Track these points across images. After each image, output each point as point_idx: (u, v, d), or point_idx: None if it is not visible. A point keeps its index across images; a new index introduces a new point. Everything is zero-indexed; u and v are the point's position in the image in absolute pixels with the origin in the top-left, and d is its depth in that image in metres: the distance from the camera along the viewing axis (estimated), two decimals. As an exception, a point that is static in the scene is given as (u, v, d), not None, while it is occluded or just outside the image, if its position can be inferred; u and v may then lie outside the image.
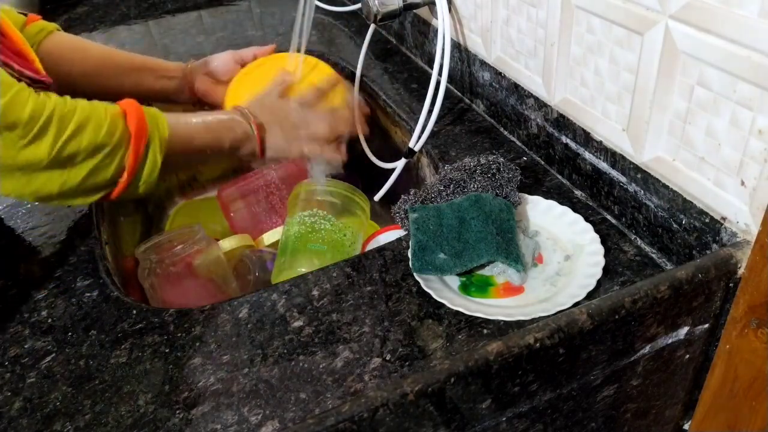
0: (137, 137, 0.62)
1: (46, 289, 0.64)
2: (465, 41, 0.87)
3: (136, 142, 0.62)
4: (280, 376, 0.52)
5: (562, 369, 0.51)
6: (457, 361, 0.46)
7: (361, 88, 1.02)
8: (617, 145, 0.63)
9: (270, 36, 1.22)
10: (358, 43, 1.12)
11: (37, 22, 0.84)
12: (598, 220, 0.66)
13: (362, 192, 0.80)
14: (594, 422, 0.60)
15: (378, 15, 0.85)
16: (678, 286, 0.51)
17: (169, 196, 1.14)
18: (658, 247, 0.61)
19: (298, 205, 0.77)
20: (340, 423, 0.43)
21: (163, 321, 0.58)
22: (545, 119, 0.73)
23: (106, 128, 0.60)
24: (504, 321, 0.54)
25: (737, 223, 0.52)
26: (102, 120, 0.60)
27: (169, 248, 0.74)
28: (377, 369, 0.51)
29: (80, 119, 0.59)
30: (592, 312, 0.49)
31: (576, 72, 0.65)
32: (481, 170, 0.66)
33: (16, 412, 0.52)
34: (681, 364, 0.60)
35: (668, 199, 0.58)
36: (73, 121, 0.59)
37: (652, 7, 0.53)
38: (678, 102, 0.54)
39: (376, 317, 0.56)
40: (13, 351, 0.57)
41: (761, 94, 0.46)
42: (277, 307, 0.59)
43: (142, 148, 0.63)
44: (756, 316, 0.50)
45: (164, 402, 0.51)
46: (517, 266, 0.58)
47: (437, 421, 0.49)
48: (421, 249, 0.60)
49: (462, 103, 0.92)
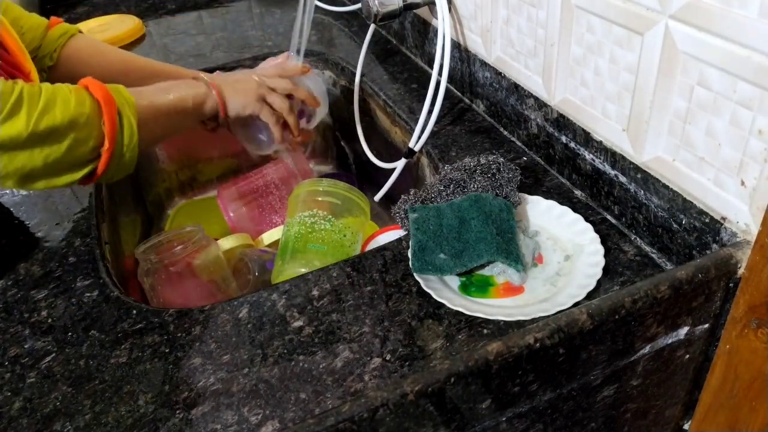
0: (106, 104, 0.63)
1: (46, 289, 0.64)
2: (465, 41, 0.87)
3: (107, 108, 0.63)
4: (280, 376, 0.52)
5: (562, 369, 0.51)
6: (457, 361, 0.46)
7: (361, 88, 1.02)
8: (617, 145, 0.63)
9: (270, 36, 1.22)
10: (358, 43, 1.12)
11: (60, 24, 0.84)
12: (598, 220, 0.66)
13: (362, 192, 0.80)
14: (594, 422, 0.60)
15: (378, 15, 0.85)
16: (678, 286, 0.51)
17: (169, 196, 1.14)
18: (658, 247, 0.61)
19: (298, 205, 0.77)
20: (340, 423, 0.43)
21: (163, 321, 0.58)
22: (545, 119, 0.73)
23: (74, 101, 0.62)
24: (504, 321, 0.54)
25: (737, 223, 0.52)
26: (67, 95, 0.62)
27: (168, 248, 0.74)
28: (377, 369, 0.51)
29: (47, 96, 0.60)
30: (592, 312, 0.49)
31: (576, 72, 0.65)
32: (481, 170, 0.66)
33: (16, 412, 0.52)
34: (681, 364, 0.60)
35: (668, 199, 0.58)
36: (42, 97, 0.60)
37: (652, 7, 0.53)
38: (678, 102, 0.54)
39: (376, 317, 0.56)
40: (13, 351, 0.57)
41: (761, 94, 0.46)
42: (277, 307, 0.59)
43: (115, 113, 0.64)
44: (756, 316, 0.50)
45: (164, 402, 0.51)
46: (517, 266, 0.58)
47: (437, 421, 0.49)
48: (421, 249, 0.60)
49: (462, 103, 0.92)
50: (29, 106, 0.59)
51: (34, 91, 0.60)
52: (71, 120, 0.61)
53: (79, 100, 0.62)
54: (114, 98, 0.65)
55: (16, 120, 0.58)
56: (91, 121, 0.63)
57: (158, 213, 1.12)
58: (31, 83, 0.61)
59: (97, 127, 0.63)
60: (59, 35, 0.83)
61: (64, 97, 0.62)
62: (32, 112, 0.59)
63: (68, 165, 0.63)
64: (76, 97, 0.62)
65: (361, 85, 1.02)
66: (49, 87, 0.62)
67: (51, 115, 0.60)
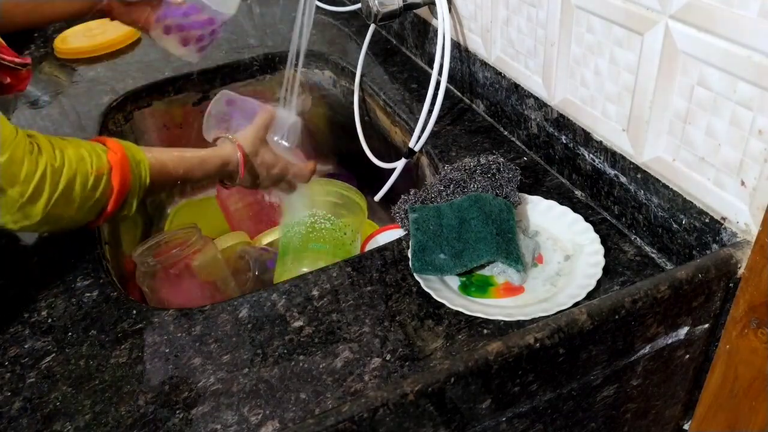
0: (119, 192, 0.62)
1: (46, 289, 0.64)
2: (465, 41, 0.87)
3: (117, 197, 0.61)
4: (280, 376, 0.52)
5: (562, 369, 0.51)
6: (457, 361, 0.46)
7: (361, 88, 1.02)
8: (617, 145, 0.63)
9: (270, 36, 1.22)
10: (358, 43, 1.12)
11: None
12: (598, 220, 0.66)
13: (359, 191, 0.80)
14: (594, 422, 0.60)
15: (378, 15, 0.85)
16: (678, 286, 0.51)
17: (169, 196, 1.14)
18: (658, 247, 0.61)
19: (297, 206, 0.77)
20: (340, 423, 0.43)
21: (163, 321, 0.58)
22: (545, 119, 0.73)
23: (91, 184, 0.59)
24: (504, 321, 0.54)
25: (737, 223, 0.52)
26: (88, 176, 0.59)
27: (166, 250, 0.74)
28: (377, 369, 0.51)
29: (69, 176, 0.57)
30: (592, 312, 0.49)
31: (576, 72, 0.65)
32: (481, 170, 0.66)
33: (16, 412, 0.52)
34: (681, 364, 0.60)
35: (668, 199, 0.58)
36: (62, 179, 0.57)
37: (652, 7, 0.53)
38: (678, 102, 0.54)
39: (376, 317, 0.56)
40: (13, 351, 0.57)
41: (761, 94, 0.46)
42: (277, 307, 0.59)
43: (122, 200, 0.62)
44: (756, 316, 0.50)
45: (164, 402, 0.51)
46: (517, 266, 0.58)
47: (437, 421, 0.49)
48: (421, 249, 0.60)
49: (462, 103, 0.92)
50: (50, 189, 0.56)
51: (57, 167, 0.57)
52: (79, 205, 0.59)
53: (96, 183, 0.59)
54: (129, 184, 0.62)
55: (34, 206, 0.56)
56: (96, 207, 0.61)
57: (158, 213, 1.12)
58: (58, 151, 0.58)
59: (97, 210, 0.61)
60: None
61: (83, 178, 0.58)
62: (51, 197, 0.56)
63: (59, 229, 0.63)
64: (94, 177, 0.59)
65: (361, 85, 1.02)
66: (72, 161, 0.58)
67: (66, 204, 0.57)
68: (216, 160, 0.72)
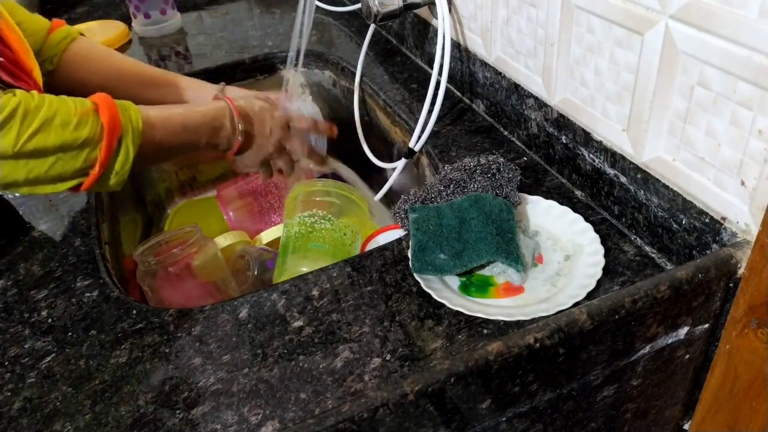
0: (110, 131, 0.61)
1: (46, 289, 0.64)
2: (465, 41, 0.87)
3: (108, 136, 0.61)
4: (280, 376, 0.52)
5: (562, 369, 0.51)
6: (457, 361, 0.46)
7: (361, 88, 1.02)
8: (617, 145, 0.63)
9: (270, 36, 1.22)
10: (358, 43, 1.12)
11: (61, 28, 0.82)
12: (598, 220, 0.66)
13: (360, 191, 0.80)
14: (594, 422, 0.60)
15: (378, 15, 0.85)
16: (678, 286, 0.51)
17: (169, 196, 1.14)
18: (658, 247, 0.61)
19: (297, 206, 0.77)
20: (340, 423, 0.43)
21: (163, 321, 0.58)
22: (545, 119, 0.73)
23: (75, 124, 0.60)
24: (504, 321, 0.54)
25: (737, 223, 0.52)
26: (70, 116, 0.60)
27: (166, 250, 0.74)
28: (377, 369, 0.51)
29: (47, 115, 0.58)
30: (592, 312, 0.49)
31: (576, 72, 0.65)
32: (481, 170, 0.66)
33: (16, 412, 0.52)
34: (681, 364, 0.60)
35: (668, 199, 0.58)
36: (39, 117, 0.58)
37: (652, 7, 0.53)
38: (678, 102, 0.54)
39: (376, 317, 0.56)
40: (13, 351, 0.57)
41: (761, 94, 0.46)
42: (277, 307, 0.59)
43: (115, 141, 0.62)
44: (756, 316, 0.50)
45: (164, 402, 0.51)
46: (517, 266, 0.58)
47: (437, 421, 0.49)
48: (421, 249, 0.60)
49: (462, 103, 0.92)
50: (21, 123, 0.57)
51: (32, 108, 0.58)
52: (63, 143, 0.59)
53: (79, 126, 0.60)
54: (120, 123, 0.63)
55: (3, 138, 0.56)
56: (85, 147, 0.61)
57: (158, 213, 1.12)
58: (38, 94, 0.59)
59: (90, 152, 0.61)
60: (60, 39, 0.81)
61: (65, 117, 0.59)
62: (23, 131, 0.57)
63: (51, 179, 0.61)
64: (78, 118, 0.60)
65: (361, 85, 1.02)
66: (53, 102, 0.60)
67: (43, 136, 0.58)
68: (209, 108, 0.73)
